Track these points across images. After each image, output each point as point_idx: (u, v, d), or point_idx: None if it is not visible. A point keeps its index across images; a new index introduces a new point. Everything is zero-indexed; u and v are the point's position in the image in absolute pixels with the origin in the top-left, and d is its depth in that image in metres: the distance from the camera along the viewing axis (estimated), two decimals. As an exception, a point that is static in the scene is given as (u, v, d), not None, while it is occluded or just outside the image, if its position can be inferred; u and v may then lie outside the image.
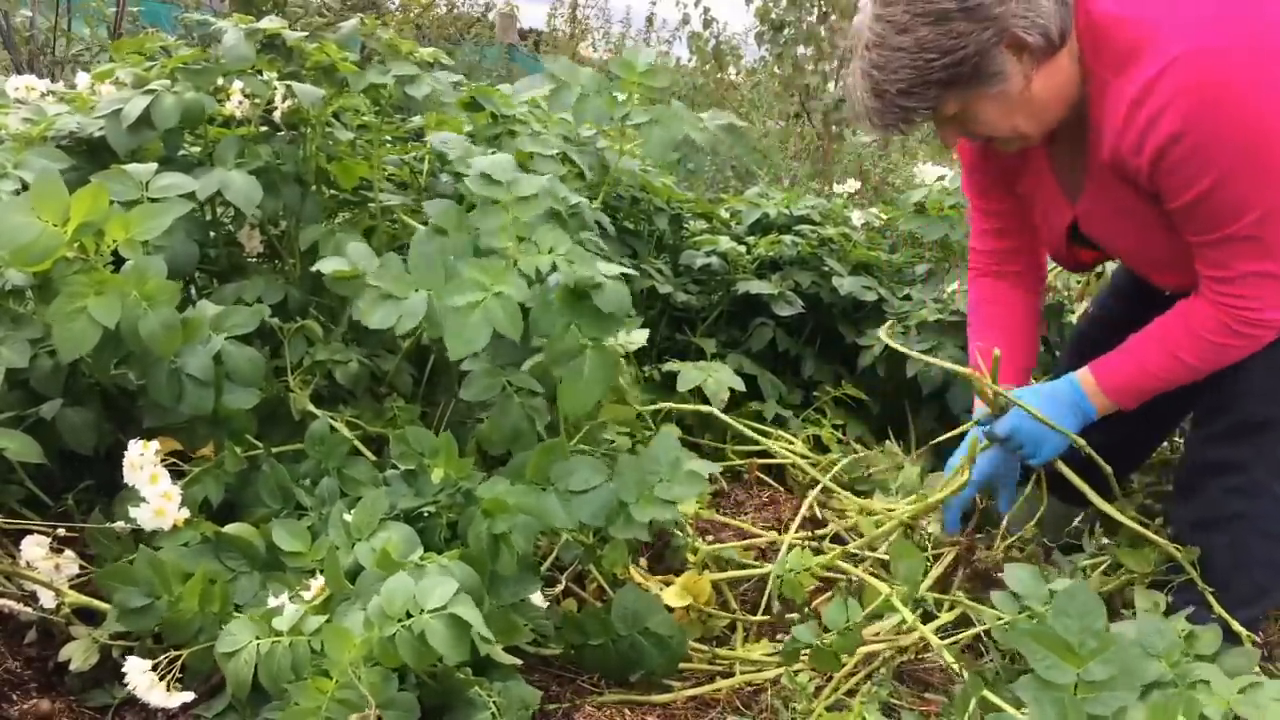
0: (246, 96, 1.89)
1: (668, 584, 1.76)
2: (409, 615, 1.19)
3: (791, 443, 2.39)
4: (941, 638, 1.54)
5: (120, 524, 1.55)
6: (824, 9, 6.89)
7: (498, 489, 1.46)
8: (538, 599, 1.50)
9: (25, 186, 1.67)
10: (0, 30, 4.53)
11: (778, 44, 6.79)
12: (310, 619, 1.25)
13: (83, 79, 2.05)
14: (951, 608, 1.68)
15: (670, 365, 2.37)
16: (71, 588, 1.46)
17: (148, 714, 1.41)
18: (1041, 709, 1.12)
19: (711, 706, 1.60)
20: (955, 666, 1.45)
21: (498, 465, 1.62)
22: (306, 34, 1.96)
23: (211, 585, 1.32)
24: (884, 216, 3.31)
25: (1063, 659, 1.14)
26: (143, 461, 1.40)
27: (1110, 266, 2.24)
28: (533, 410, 1.62)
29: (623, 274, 1.53)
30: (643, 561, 1.89)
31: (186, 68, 1.88)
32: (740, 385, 2.29)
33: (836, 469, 2.27)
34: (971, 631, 1.61)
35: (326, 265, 1.59)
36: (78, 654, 1.43)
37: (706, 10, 7.51)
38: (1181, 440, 2.21)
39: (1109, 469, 1.75)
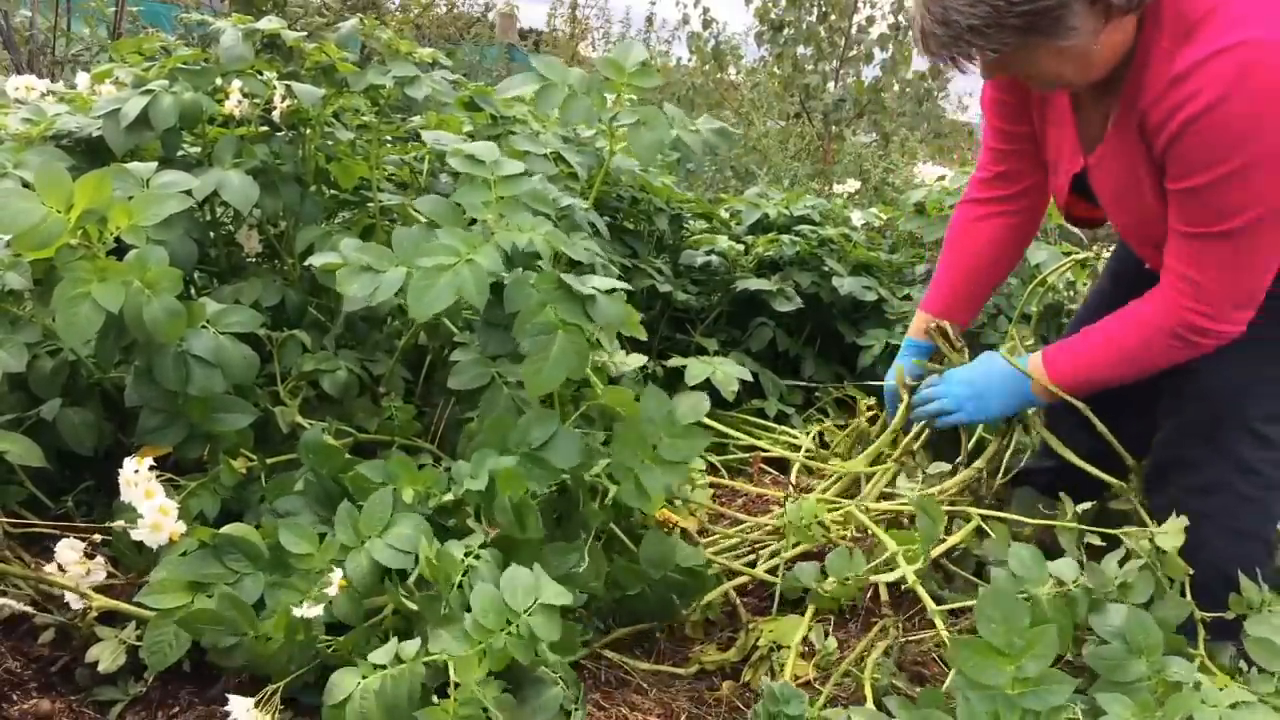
0: (245, 96, 1.89)
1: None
2: (508, 621, 1.25)
3: (795, 438, 2.39)
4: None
5: (120, 524, 1.56)
6: (824, 9, 6.90)
7: (492, 463, 1.46)
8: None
9: (26, 186, 1.67)
10: (0, 30, 4.52)
11: (778, 44, 6.80)
12: (407, 646, 1.26)
13: (83, 79, 2.06)
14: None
15: (675, 361, 2.37)
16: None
17: (149, 713, 1.41)
18: (971, 708, 1.13)
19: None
20: (945, 636, 1.45)
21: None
22: (306, 34, 1.96)
23: (296, 619, 1.32)
24: (884, 216, 3.31)
25: (995, 662, 1.15)
26: (137, 478, 1.40)
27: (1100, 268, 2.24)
28: (521, 402, 1.61)
29: (617, 288, 1.54)
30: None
31: (185, 68, 1.88)
32: (748, 376, 2.29)
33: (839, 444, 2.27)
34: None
35: (319, 259, 1.59)
36: (105, 656, 1.43)
37: (706, 10, 7.52)
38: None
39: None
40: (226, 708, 1.23)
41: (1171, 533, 1.46)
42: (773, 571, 1.78)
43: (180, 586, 1.36)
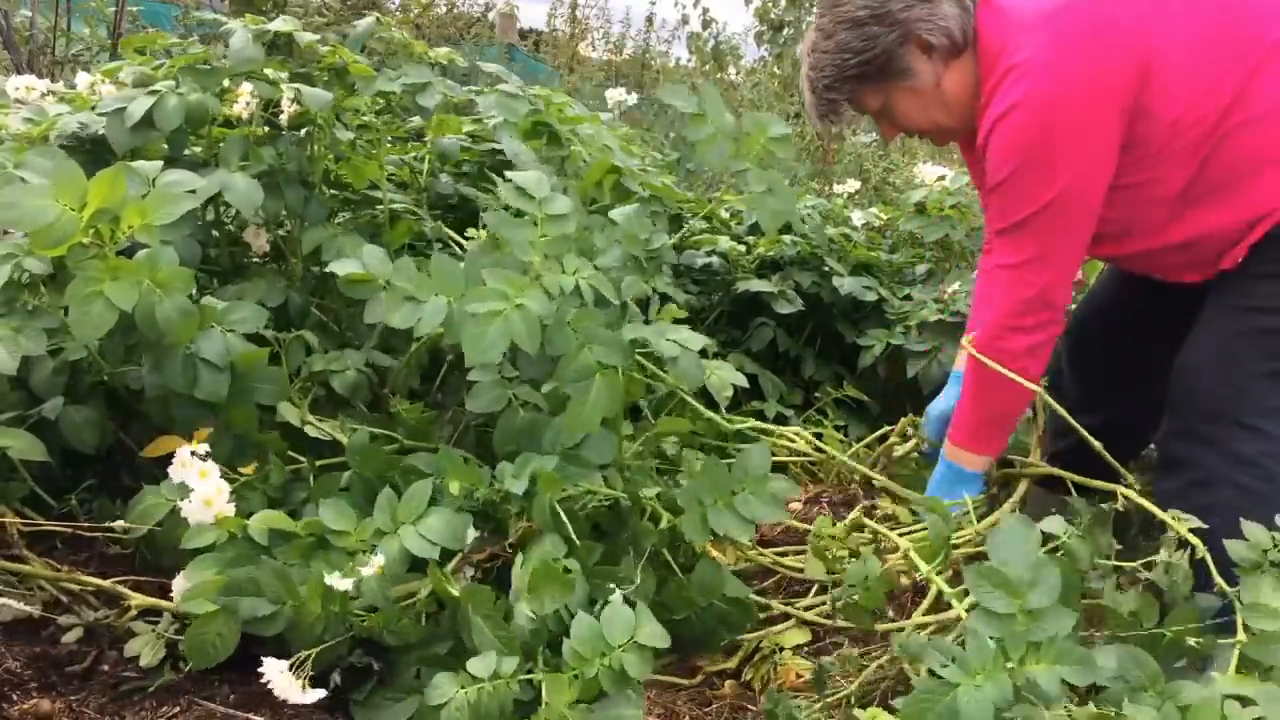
0: (254, 98, 1.89)
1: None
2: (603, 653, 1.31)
3: (794, 440, 2.39)
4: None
5: (121, 523, 1.56)
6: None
7: (534, 464, 1.51)
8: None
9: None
10: (0, 30, 4.52)
11: (777, 44, 6.79)
12: (505, 662, 1.31)
13: (83, 79, 2.05)
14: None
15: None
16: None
17: (150, 713, 1.41)
18: (981, 638, 1.17)
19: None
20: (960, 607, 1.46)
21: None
22: (318, 36, 1.96)
23: (330, 590, 1.35)
24: (884, 216, 3.31)
25: (1006, 592, 1.20)
26: (193, 460, 1.41)
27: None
28: (537, 421, 1.64)
29: (703, 348, 1.60)
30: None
31: (192, 68, 1.88)
32: (743, 382, 2.29)
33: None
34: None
35: (340, 267, 1.60)
36: (146, 650, 1.45)
37: (705, 11, 7.51)
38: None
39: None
40: (226, 707, 1.24)
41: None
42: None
43: (216, 585, 1.37)
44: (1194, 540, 1.45)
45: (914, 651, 1.26)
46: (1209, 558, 1.45)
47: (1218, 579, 1.44)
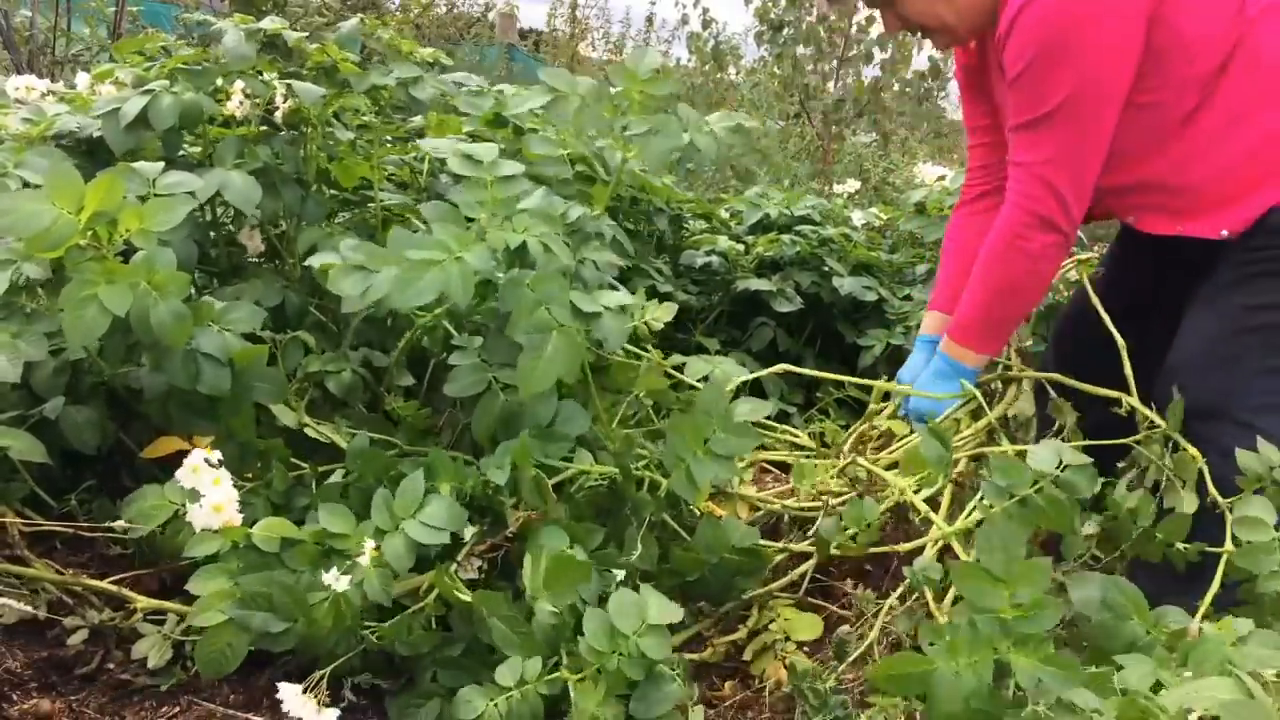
0: (247, 97, 1.89)
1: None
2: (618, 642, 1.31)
3: (796, 437, 2.39)
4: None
5: (120, 523, 1.55)
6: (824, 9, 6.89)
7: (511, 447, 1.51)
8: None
9: (26, 186, 1.67)
10: (0, 30, 4.52)
11: (777, 44, 6.79)
12: (530, 665, 1.31)
13: (83, 79, 2.05)
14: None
15: (675, 359, 2.37)
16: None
17: (151, 712, 1.41)
18: (969, 633, 1.18)
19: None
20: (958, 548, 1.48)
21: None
22: (307, 34, 1.96)
23: (341, 606, 1.36)
24: (884, 216, 3.31)
25: (993, 587, 1.21)
26: (205, 468, 1.41)
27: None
28: (517, 405, 1.62)
29: (622, 306, 1.58)
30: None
31: (186, 68, 1.88)
32: (746, 374, 2.30)
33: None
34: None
35: (318, 259, 1.59)
36: (153, 652, 1.46)
37: (705, 11, 7.51)
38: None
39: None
40: (226, 708, 1.24)
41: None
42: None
43: (225, 596, 1.37)
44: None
45: (905, 626, 1.27)
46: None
47: (1217, 580, 1.45)
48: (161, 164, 1.70)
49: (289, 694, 1.28)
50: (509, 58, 9.70)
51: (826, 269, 2.85)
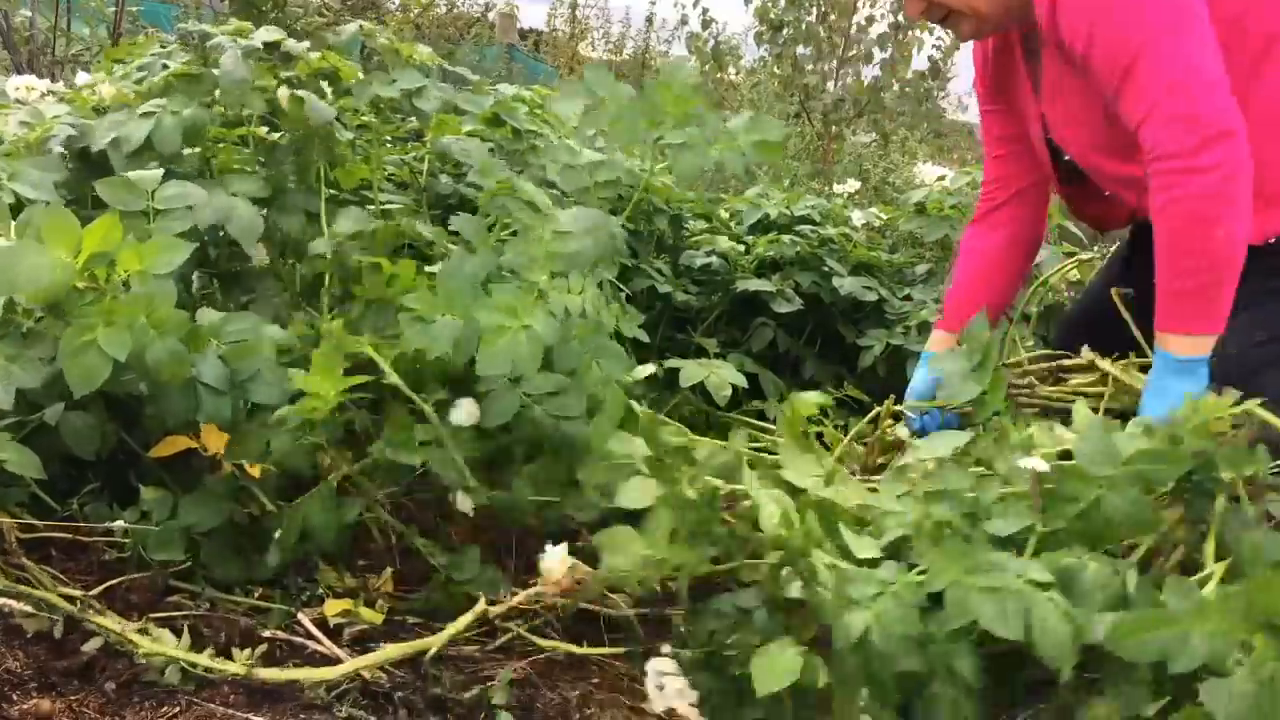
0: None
1: None
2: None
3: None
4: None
5: (120, 523, 1.56)
6: (823, 9, 6.90)
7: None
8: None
9: (18, 200, 1.66)
10: (0, 30, 4.52)
11: (777, 44, 6.79)
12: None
13: (83, 79, 2.05)
14: None
15: (672, 362, 2.37)
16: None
17: (151, 712, 1.41)
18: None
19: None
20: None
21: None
22: (306, 36, 1.96)
23: None
24: (884, 216, 3.31)
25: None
26: None
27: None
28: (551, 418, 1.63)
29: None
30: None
31: (184, 81, 1.87)
32: (742, 382, 2.29)
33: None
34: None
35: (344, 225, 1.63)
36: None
37: (705, 11, 7.51)
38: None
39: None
40: (226, 707, 1.24)
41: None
42: None
43: None
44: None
45: None
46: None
47: None
48: (160, 173, 1.69)
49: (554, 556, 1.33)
50: (509, 58, 9.71)
51: (826, 269, 2.85)
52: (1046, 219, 1.99)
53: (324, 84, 1.97)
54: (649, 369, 1.85)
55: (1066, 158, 1.78)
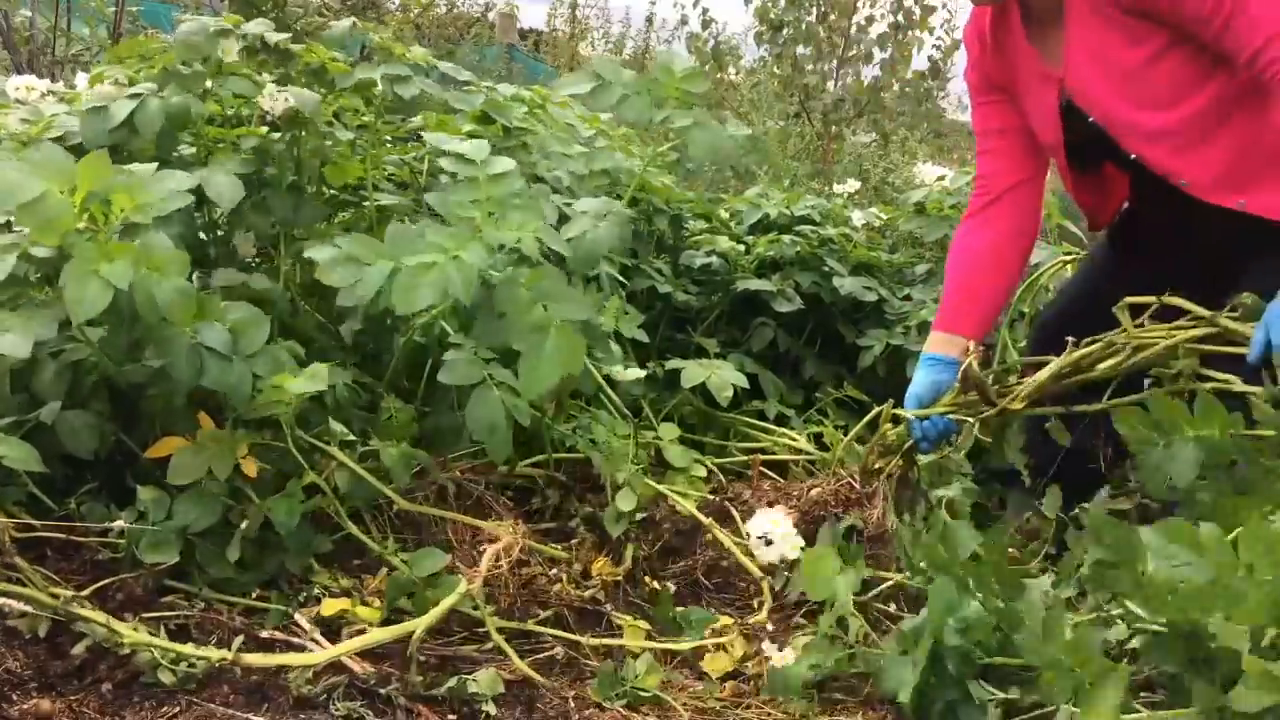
0: (237, 98, 1.89)
1: None
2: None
3: (795, 439, 2.39)
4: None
5: (119, 524, 1.55)
6: (823, 9, 6.89)
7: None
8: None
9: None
10: (0, 30, 4.52)
11: (777, 44, 6.79)
12: None
13: (83, 79, 2.05)
14: None
15: (673, 363, 2.36)
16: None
17: (151, 712, 1.41)
18: None
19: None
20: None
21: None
22: (292, 36, 1.96)
23: None
24: (884, 216, 3.30)
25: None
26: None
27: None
28: (513, 407, 1.61)
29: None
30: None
31: (176, 71, 1.87)
32: (744, 382, 2.29)
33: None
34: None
35: (314, 252, 1.60)
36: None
37: (705, 11, 7.50)
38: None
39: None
40: (226, 707, 1.23)
41: None
42: None
43: None
44: None
45: None
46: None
47: None
48: (155, 165, 1.69)
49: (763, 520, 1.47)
50: (509, 58, 9.70)
51: (826, 269, 2.85)
52: (1041, 214, 1.96)
53: (313, 78, 1.97)
54: (638, 372, 1.85)
55: (1090, 119, 1.73)
